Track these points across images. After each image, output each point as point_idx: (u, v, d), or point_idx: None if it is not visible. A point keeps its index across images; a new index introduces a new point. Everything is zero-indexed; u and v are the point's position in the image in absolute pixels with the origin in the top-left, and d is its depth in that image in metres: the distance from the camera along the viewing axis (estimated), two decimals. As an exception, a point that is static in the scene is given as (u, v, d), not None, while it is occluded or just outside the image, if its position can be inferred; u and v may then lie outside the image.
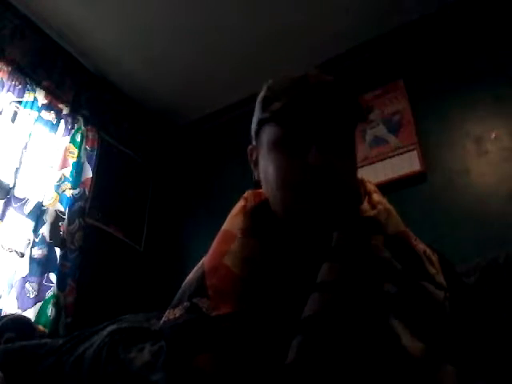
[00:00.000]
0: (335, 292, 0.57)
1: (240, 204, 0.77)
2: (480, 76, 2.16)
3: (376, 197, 0.71)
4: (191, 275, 0.72)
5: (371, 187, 0.75)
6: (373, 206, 0.69)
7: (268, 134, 0.73)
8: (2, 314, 1.80)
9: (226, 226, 0.74)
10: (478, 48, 2.23)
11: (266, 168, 0.73)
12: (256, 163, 0.78)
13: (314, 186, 0.66)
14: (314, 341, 0.54)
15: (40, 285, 2.02)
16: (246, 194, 0.79)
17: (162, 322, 0.69)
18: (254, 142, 0.79)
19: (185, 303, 0.66)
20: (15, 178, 2.06)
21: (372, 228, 0.65)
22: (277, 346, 0.55)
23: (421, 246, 0.68)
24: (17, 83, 2.22)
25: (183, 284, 0.72)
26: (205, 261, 0.71)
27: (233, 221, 0.74)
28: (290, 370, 0.53)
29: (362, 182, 0.77)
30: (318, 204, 0.67)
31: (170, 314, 0.68)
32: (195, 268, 0.72)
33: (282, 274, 0.64)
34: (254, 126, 0.78)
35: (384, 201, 0.72)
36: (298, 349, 0.53)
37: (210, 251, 0.72)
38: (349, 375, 0.52)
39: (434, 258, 0.68)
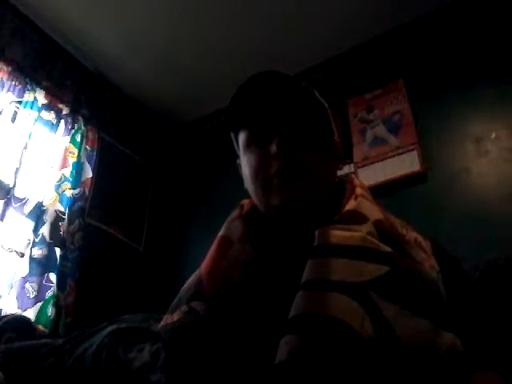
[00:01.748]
0: (319, 289, 0.57)
1: (236, 211, 0.77)
2: (480, 76, 2.16)
3: (359, 190, 0.71)
4: (188, 281, 0.72)
5: (357, 182, 0.75)
6: (356, 198, 0.69)
7: (240, 142, 0.76)
8: (2, 313, 1.80)
9: (222, 232, 0.74)
10: (478, 48, 2.23)
11: (244, 171, 0.75)
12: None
13: (278, 174, 0.67)
14: (302, 341, 0.53)
15: (40, 285, 2.02)
16: (242, 202, 0.80)
17: (160, 326, 0.69)
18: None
19: (183, 307, 0.66)
20: (15, 178, 2.06)
21: (355, 220, 0.64)
22: (268, 347, 0.55)
23: (412, 234, 0.68)
24: (17, 83, 2.22)
25: (181, 290, 0.72)
26: (202, 266, 0.71)
27: (230, 227, 0.74)
28: (279, 369, 0.53)
29: (350, 180, 0.77)
30: (284, 195, 0.67)
31: (168, 319, 0.68)
32: (192, 275, 0.73)
33: (277, 277, 0.64)
34: (234, 144, 0.80)
35: (365, 193, 0.72)
36: (288, 349, 0.53)
37: (207, 257, 0.72)
38: (341, 374, 0.51)
39: (426, 244, 0.67)
